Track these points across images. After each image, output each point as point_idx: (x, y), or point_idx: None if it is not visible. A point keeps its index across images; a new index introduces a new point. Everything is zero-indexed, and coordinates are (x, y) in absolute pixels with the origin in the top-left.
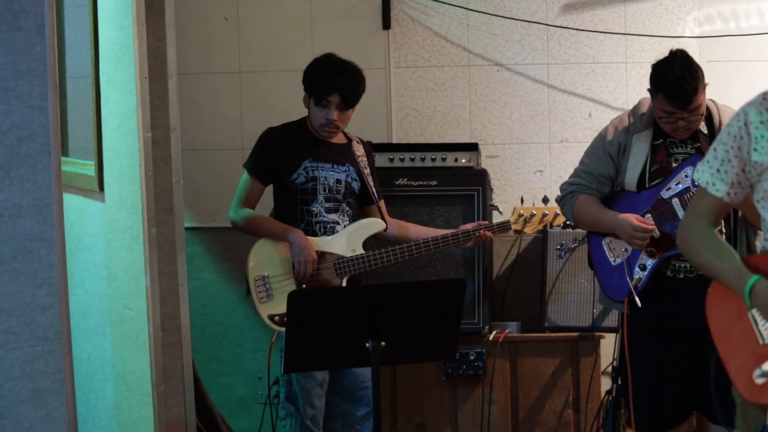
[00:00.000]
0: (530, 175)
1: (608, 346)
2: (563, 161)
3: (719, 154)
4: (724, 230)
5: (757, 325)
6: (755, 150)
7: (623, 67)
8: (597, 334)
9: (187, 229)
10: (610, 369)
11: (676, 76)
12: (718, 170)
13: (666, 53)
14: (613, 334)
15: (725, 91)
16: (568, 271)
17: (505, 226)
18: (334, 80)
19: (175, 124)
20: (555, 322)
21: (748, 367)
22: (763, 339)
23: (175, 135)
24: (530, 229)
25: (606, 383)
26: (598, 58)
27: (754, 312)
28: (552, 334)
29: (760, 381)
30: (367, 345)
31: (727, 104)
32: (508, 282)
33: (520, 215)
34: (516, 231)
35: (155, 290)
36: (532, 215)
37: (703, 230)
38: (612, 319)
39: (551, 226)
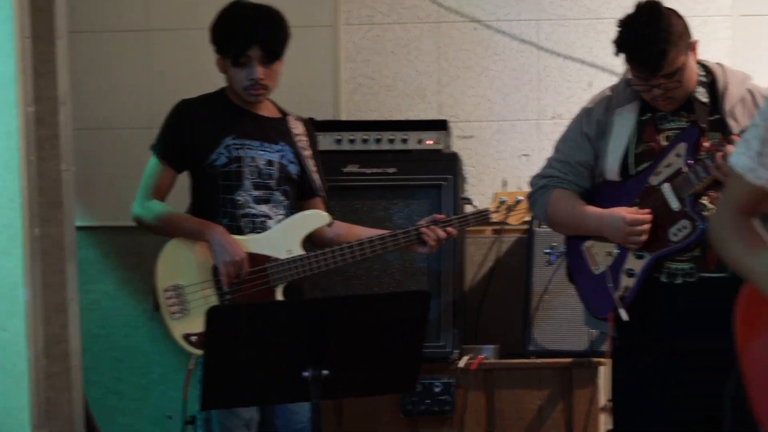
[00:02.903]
0: (514, 160)
1: (610, 375)
2: (555, 143)
3: (759, 133)
4: None
5: None
6: None
7: None
8: (595, 360)
9: (78, 228)
10: (611, 404)
11: (641, 35)
12: (759, 153)
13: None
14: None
15: (763, 52)
16: (559, 281)
17: (483, 216)
18: (249, 31)
19: (64, 95)
20: (542, 345)
21: None
22: None
23: (64, 109)
24: (515, 220)
25: (607, 421)
26: (601, 12)
27: None
28: (538, 361)
29: None
30: (305, 374)
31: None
32: (484, 295)
33: (502, 202)
34: (494, 227)
35: (37, 306)
36: (518, 201)
37: (737, 223)
38: None
39: (540, 224)
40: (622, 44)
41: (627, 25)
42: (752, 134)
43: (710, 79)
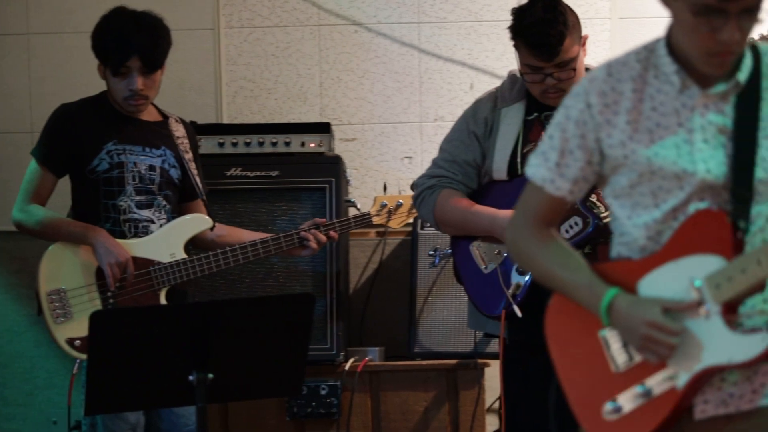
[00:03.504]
0: (396, 163)
1: (495, 376)
2: (438, 145)
3: (557, 144)
4: None
5: (609, 348)
6: (604, 141)
7: None
8: (481, 361)
9: None
10: (497, 405)
11: (538, 19)
12: (557, 164)
13: None
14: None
15: None
16: (443, 283)
17: (364, 220)
18: (129, 41)
19: None
20: (427, 346)
21: (597, 400)
22: (616, 366)
23: None
24: (397, 223)
25: (492, 422)
26: (481, 15)
27: (607, 333)
28: (424, 362)
29: (611, 417)
30: (190, 378)
31: None
32: (368, 297)
33: (383, 206)
34: (378, 230)
35: None
36: (399, 205)
37: (540, 235)
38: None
39: (424, 226)
40: (519, 29)
41: (524, 10)
42: (549, 146)
43: None
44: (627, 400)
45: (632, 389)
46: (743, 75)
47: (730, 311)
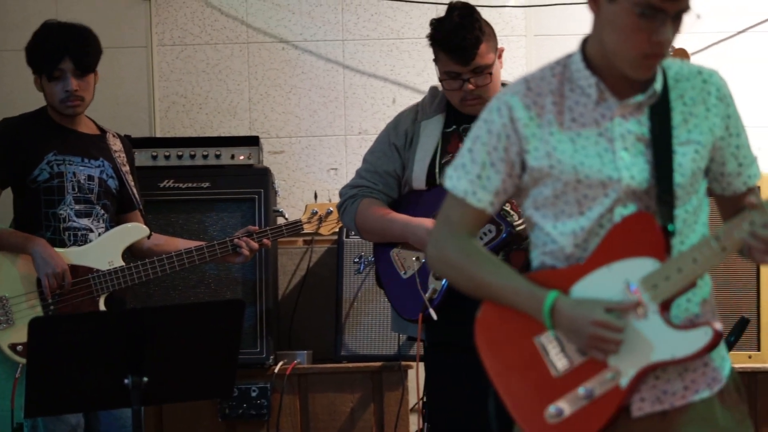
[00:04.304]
0: (323, 174)
1: (419, 377)
2: (362, 157)
3: (478, 157)
4: None
5: (547, 353)
6: (529, 152)
7: None
8: (404, 363)
9: None
10: (420, 405)
11: (455, 25)
12: (479, 176)
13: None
14: (423, 364)
15: None
16: (368, 289)
17: (295, 227)
18: (59, 45)
19: None
20: (353, 350)
21: (538, 406)
22: (556, 370)
23: None
24: (327, 230)
25: (416, 422)
26: (403, 32)
27: (543, 338)
28: (350, 365)
29: (554, 420)
30: (126, 381)
31: None
32: (297, 303)
33: (314, 213)
34: (305, 238)
35: None
36: (329, 213)
37: (466, 246)
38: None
39: (349, 234)
40: (436, 34)
41: (441, 20)
42: (468, 158)
43: None
44: (568, 403)
45: (573, 392)
46: (659, 85)
47: (665, 309)
